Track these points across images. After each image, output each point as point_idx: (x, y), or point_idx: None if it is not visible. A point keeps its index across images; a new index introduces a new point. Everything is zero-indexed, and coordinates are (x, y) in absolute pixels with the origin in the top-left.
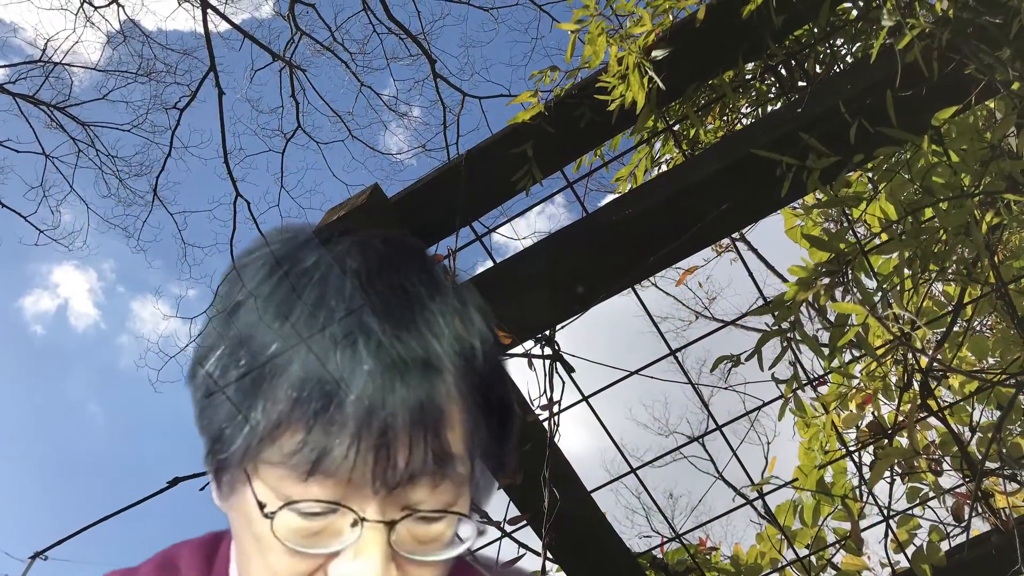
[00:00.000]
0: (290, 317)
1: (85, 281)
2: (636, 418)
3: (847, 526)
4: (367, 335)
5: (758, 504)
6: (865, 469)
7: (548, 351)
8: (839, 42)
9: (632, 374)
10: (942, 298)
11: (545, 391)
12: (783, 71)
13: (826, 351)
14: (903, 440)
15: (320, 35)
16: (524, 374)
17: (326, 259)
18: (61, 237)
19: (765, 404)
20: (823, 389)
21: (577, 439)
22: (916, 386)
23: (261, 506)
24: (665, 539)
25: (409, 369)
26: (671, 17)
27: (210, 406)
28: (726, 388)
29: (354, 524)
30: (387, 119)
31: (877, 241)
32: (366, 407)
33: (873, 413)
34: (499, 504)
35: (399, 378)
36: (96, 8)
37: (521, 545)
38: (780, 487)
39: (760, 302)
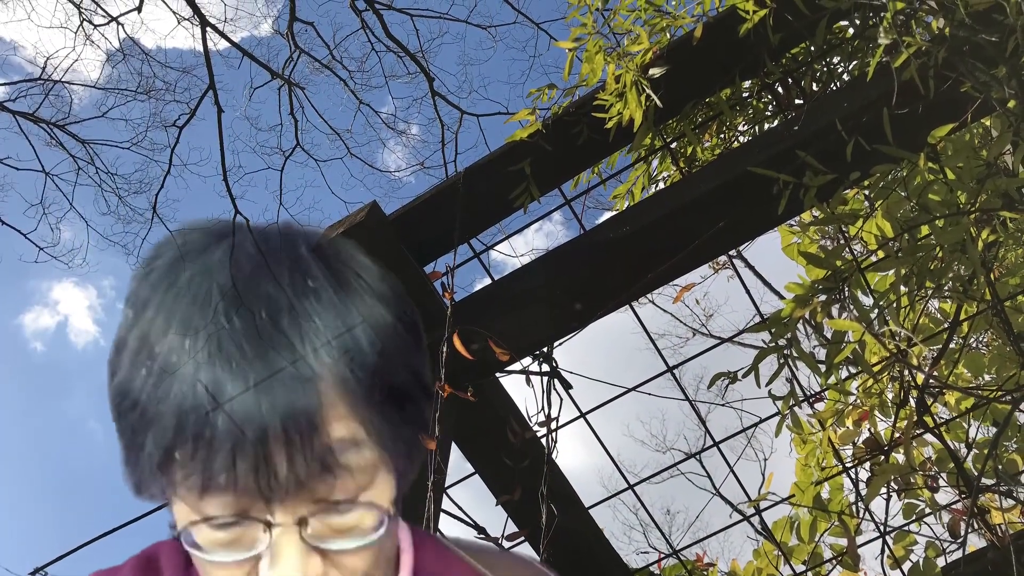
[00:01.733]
0: (162, 344)
1: (85, 298)
2: (633, 434)
3: (843, 542)
4: (228, 357)
5: (755, 520)
6: (861, 485)
7: (546, 368)
8: (836, 60)
9: (630, 391)
10: (938, 315)
11: (543, 408)
12: (780, 89)
13: (823, 368)
14: (899, 456)
15: (319, 53)
16: (522, 391)
17: (198, 274)
18: (61, 254)
19: (762, 421)
20: (820, 406)
21: (575, 455)
22: (912, 403)
23: (171, 526)
24: (662, 555)
25: (275, 380)
26: (668, 35)
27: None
28: (723, 405)
29: (266, 529)
30: (385, 137)
31: (874, 258)
32: (237, 426)
33: (869, 429)
34: (497, 520)
35: (265, 392)
36: (96, 26)
37: None
38: (777, 503)
39: (757, 319)
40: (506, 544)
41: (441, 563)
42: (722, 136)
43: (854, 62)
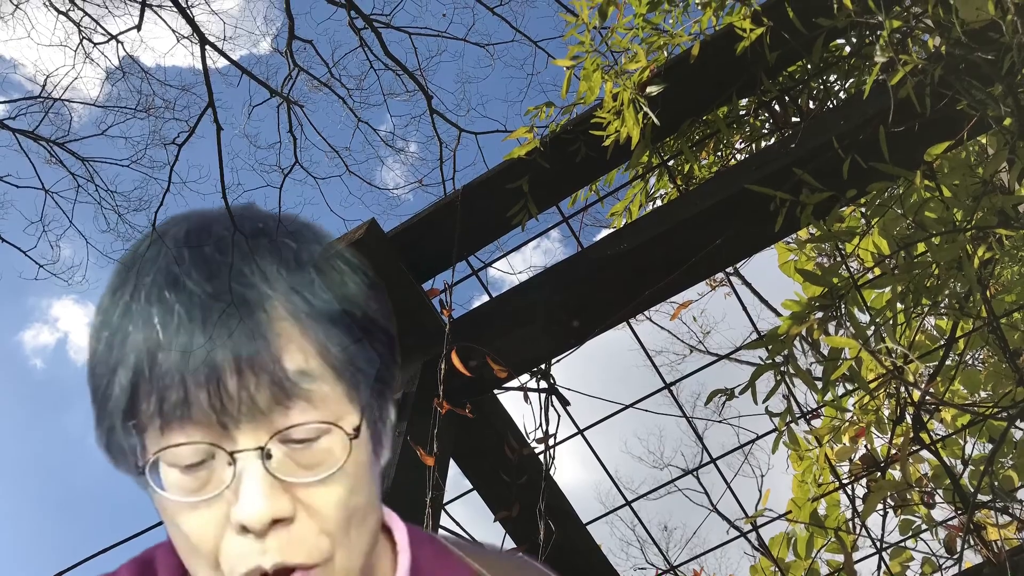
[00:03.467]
0: (122, 294)
1: (85, 315)
2: (631, 451)
3: (840, 558)
4: (174, 284)
5: (752, 536)
6: (858, 502)
7: (544, 384)
8: (832, 78)
9: (627, 407)
10: (934, 332)
11: (541, 424)
12: (777, 107)
13: (819, 384)
14: (896, 473)
15: (318, 71)
16: (520, 407)
17: (156, 242)
18: (61, 272)
19: (759, 437)
20: (816, 422)
21: (572, 472)
22: (909, 419)
23: (136, 464)
24: (660, 571)
25: (222, 306)
26: (665, 54)
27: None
28: (720, 421)
29: (230, 463)
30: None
31: (870, 275)
32: (186, 350)
33: (866, 446)
34: (496, 536)
35: (213, 316)
36: (95, 45)
37: None
38: (774, 519)
39: (754, 336)
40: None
41: (439, 562)
42: (719, 154)
43: (850, 80)
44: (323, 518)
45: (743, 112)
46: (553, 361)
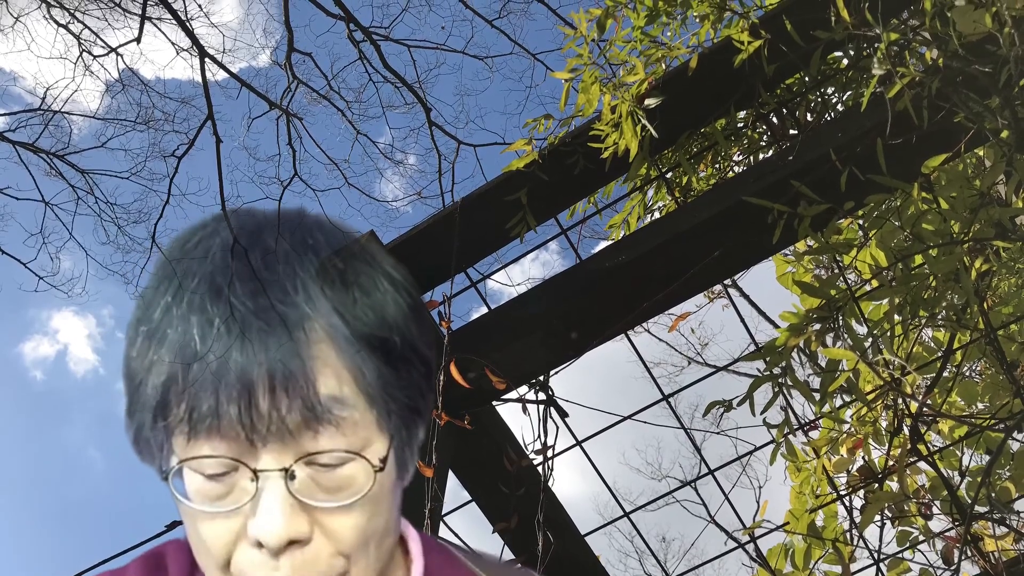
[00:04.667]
0: (165, 292)
1: (84, 327)
2: (629, 462)
3: (838, 569)
4: (217, 295)
5: (750, 548)
6: (856, 513)
7: (542, 396)
8: (830, 90)
9: (625, 419)
10: (932, 344)
11: (539, 436)
12: (775, 119)
13: (817, 396)
14: (893, 484)
15: (317, 84)
16: (519, 419)
17: (206, 237)
18: (60, 283)
19: (757, 448)
20: (814, 434)
21: (571, 483)
22: (906, 431)
23: (161, 471)
24: None
25: (263, 323)
26: (664, 66)
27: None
28: (718, 433)
29: (253, 479)
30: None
31: (868, 287)
32: (223, 364)
33: (864, 457)
34: (494, 548)
35: (251, 334)
36: (95, 57)
37: None
38: (772, 531)
39: (752, 348)
40: None
41: (450, 570)
42: (717, 166)
43: (848, 92)
44: (340, 540)
45: (741, 124)
46: (552, 373)
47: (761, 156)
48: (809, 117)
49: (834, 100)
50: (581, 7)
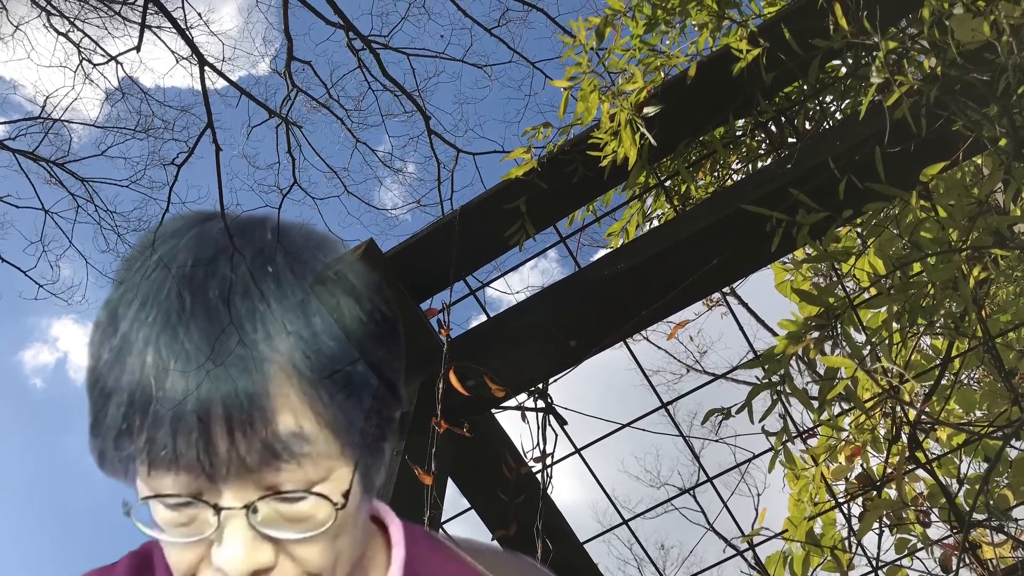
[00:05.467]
0: (120, 313)
1: (84, 335)
2: (628, 470)
3: None
4: (173, 335)
5: (749, 555)
6: (854, 520)
7: (541, 404)
8: (828, 99)
9: (624, 426)
10: (930, 351)
11: (538, 443)
12: (773, 127)
13: (816, 404)
14: (892, 492)
15: (316, 92)
16: (517, 426)
17: (165, 255)
18: (60, 291)
19: (755, 456)
20: (813, 441)
21: (569, 491)
22: (904, 438)
23: (124, 504)
24: None
25: (219, 365)
26: (662, 75)
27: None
28: (717, 440)
29: (215, 513)
30: (382, 175)
31: (866, 295)
32: (179, 404)
33: (862, 465)
34: None
35: (207, 375)
36: (95, 66)
37: None
38: (770, 538)
39: (751, 355)
40: None
41: (433, 555)
42: (716, 174)
43: (847, 101)
44: (308, 564)
45: (740, 133)
46: (551, 380)
47: (760, 164)
48: (808, 125)
49: (832, 108)
50: (580, 16)
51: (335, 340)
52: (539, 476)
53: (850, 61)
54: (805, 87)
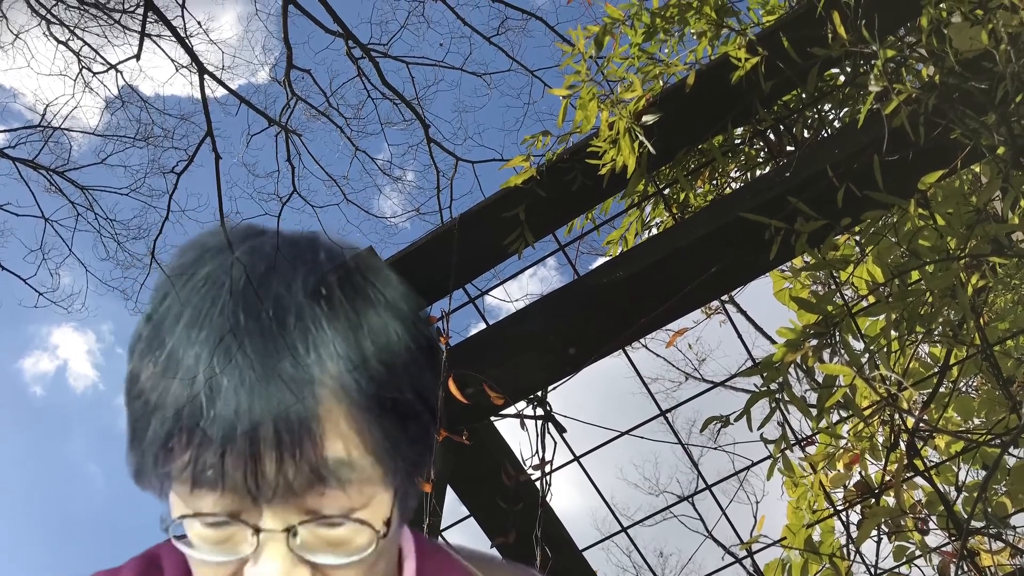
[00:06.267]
0: (167, 326)
1: (84, 343)
2: (627, 478)
3: None
4: (227, 354)
5: (747, 562)
6: (853, 528)
7: (540, 412)
8: (827, 107)
9: (623, 434)
10: (928, 359)
11: (537, 451)
12: (772, 136)
13: (814, 412)
14: (890, 499)
15: (315, 100)
16: (516, 434)
17: (215, 271)
18: (60, 299)
19: (754, 464)
20: (811, 449)
21: (568, 498)
22: (903, 446)
23: (162, 520)
24: None
25: (271, 382)
26: (661, 83)
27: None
28: (716, 448)
29: (254, 533)
30: (381, 183)
31: (864, 303)
32: (229, 423)
33: (860, 473)
34: None
35: (261, 392)
36: (95, 74)
37: None
38: (769, 546)
39: (749, 363)
40: None
41: (444, 570)
42: (714, 182)
43: (845, 109)
44: None
45: (738, 141)
46: (549, 388)
47: (758, 172)
48: (806, 134)
49: (831, 117)
50: (579, 24)
51: (385, 365)
52: (538, 484)
53: (848, 69)
54: (803, 95)
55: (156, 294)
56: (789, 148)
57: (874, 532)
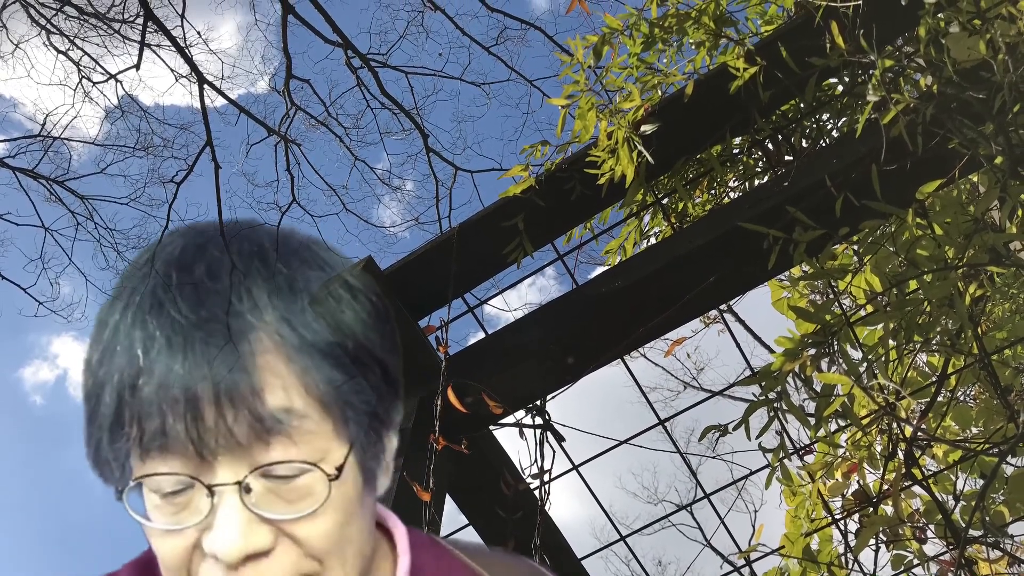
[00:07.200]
0: (115, 306)
1: (84, 352)
2: (625, 486)
3: None
4: (158, 309)
5: (746, 571)
6: (851, 537)
7: (539, 421)
8: (825, 117)
9: (622, 443)
10: (926, 369)
11: (536, 460)
12: (770, 145)
13: (812, 421)
14: (888, 508)
15: (315, 110)
16: (516, 443)
17: (156, 257)
18: (60, 308)
19: (752, 473)
20: (809, 458)
21: (567, 507)
22: (901, 455)
23: (116, 491)
24: None
25: (205, 337)
26: (660, 93)
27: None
28: (714, 457)
29: (208, 495)
30: (380, 192)
31: (862, 313)
32: (166, 378)
33: (858, 482)
34: None
35: (194, 347)
36: (95, 84)
37: None
38: (767, 554)
39: (748, 372)
40: None
41: (440, 564)
42: (713, 192)
43: (843, 119)
44: (309, 546)
45: (737, 150)
46: (548, 397)
47: (756, 182)
48: (804, 143)
49: (829, 126)
50: (578, 34)
51: (324, 316)
52: (537, 493)
53: (847, 79)
54: (802, 105)
55: (108, 298)
56: (787, 158)
57: (872, 541)
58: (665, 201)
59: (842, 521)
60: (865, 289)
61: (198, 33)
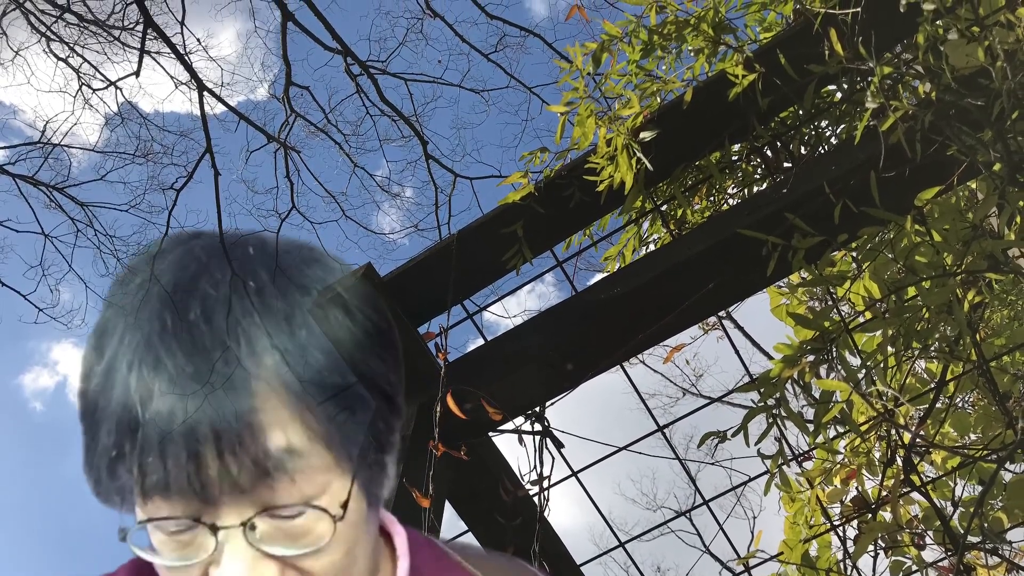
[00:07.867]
0: (109, 337)
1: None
2: (624, 493)
3: None
4: (156, 358)
5: None
6: (849, 543)
7: (538, 427)
8: (824, 124)
9: (621, 450)
10: (925, 375)
11: (535, 466)
12: (769, 152)
13: (811, 427)
14: (887, 514)
15: (314, 117)
16: (515, 450)
17: (148, 278)
18: (60, 315)
19: (751, 479)
20: (808, 464)
21: (566, 513)
22: (899, 461)
23: (120, 530)
24: None
25: (203, 385)
26: (659, 100)
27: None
28: (713, 463)
29: (212, 533)
30: (380, 199)
31: (861, 319)
32: (165, 426)
33: (857, 488)
34: None
35: (192, 396)
36: (95, 91)
37: None
38: (766, 561)
39: (746, 379)
40: None
41: (439, 565)
42: (712, 199)
43: (842, 126)
44: None
45: (735, 157)
46: (547, 404)
47: (755, 189)
48: (803, 150)
49: (828, 133)
50: (577, 41)
51: (323, 352)
52: (536, 499)
53: (845, 86)
54: (801, 112)
55: (104, 305)
56: (786, 164)
57: (871, 547)
58: (664, 208)
59: (841, 527)
60: (864, 296)
61: (198, 40)
